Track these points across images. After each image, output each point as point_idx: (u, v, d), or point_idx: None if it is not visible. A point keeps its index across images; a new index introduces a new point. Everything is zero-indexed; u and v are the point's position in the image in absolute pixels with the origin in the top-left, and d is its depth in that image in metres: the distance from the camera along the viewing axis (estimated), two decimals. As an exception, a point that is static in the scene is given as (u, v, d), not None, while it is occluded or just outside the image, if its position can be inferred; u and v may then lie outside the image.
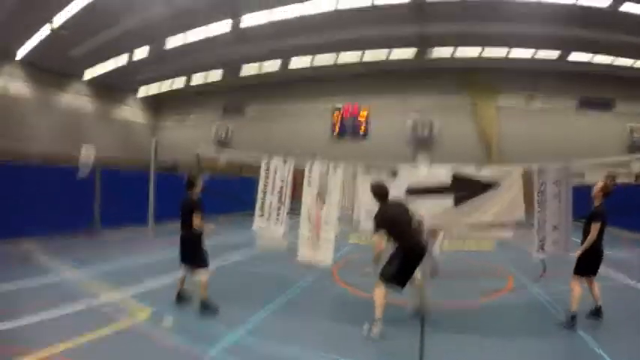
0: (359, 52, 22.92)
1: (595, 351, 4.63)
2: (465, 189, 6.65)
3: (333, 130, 26.06)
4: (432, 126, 24.26)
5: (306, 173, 6.94)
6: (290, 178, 7.19)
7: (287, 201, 7.23)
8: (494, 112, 23.90)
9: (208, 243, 5.83)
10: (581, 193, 6.94)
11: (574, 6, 16.03)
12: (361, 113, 25.73)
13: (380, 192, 5.55)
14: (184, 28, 19.49)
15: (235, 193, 10.92)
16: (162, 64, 23.35)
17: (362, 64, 23.79)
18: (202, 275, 5.57)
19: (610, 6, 15.88)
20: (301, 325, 5.41)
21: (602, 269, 5.71)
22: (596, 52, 20.79)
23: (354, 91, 25.59)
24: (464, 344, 4.88)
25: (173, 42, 20.67)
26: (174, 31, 19.73)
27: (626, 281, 8.04)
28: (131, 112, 29.45)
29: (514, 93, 23.91)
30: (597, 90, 23.53)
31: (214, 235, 5.89)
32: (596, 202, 5.78)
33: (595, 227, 5.51)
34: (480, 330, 5.36)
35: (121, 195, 12.40)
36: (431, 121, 24.26)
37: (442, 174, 6.93)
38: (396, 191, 6.29)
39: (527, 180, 6.82)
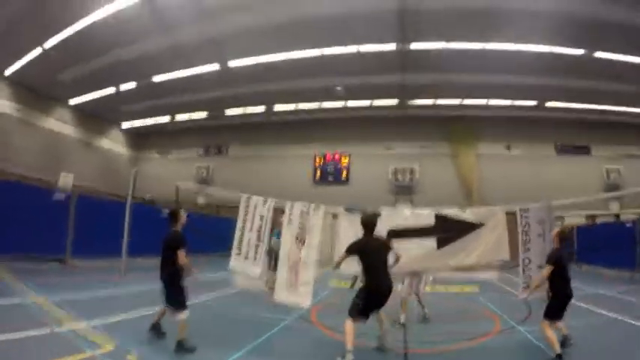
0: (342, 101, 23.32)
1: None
2: (448, 230, 6.63)
3: (315, 175, 26.08)
4: (413, 172, 24.45)
5: (287, 212, 6.80)
6: (269, 216, 7.04)
7: (266, 240, 7.05)
8: (474, 159, 24.37)
9: (186, 281, 5.60)
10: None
11: (550, 54, 16.58)
12: (343, 159, 25.85)
13: (368, 222, 5.64)
14: (173, 66, 19.57)
15: (215, 232, 10.70)
16: (148, 99, 23.34)
17: (346, 110, 24.14)
18: (182, 315, 5.34)
19: (584, 54, 16.49)
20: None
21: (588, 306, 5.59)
22: (571, 99, 21.50)
23: (336, 136, 25.87)
24: None
25: (160, 77, 20.68)
26: (163, 68, 19.78)
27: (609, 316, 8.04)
28: (113, 143, 29.10)
29: (493, 140, 24.57)
30: (573, 136, 24.43)
31: (195, 275, 5.66)
32: (555, 245, 5.74)
33: (547, 269, 5.42)
34: None
35: (96, 224, 12.09)
36: (412, 168, 24.48)
37: (425, 215, 6.88)
38: (377, 233, 6.17)
39: (510, 221, 6.84)
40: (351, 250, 5.46)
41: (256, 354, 5.49)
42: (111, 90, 22.61)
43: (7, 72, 20.53)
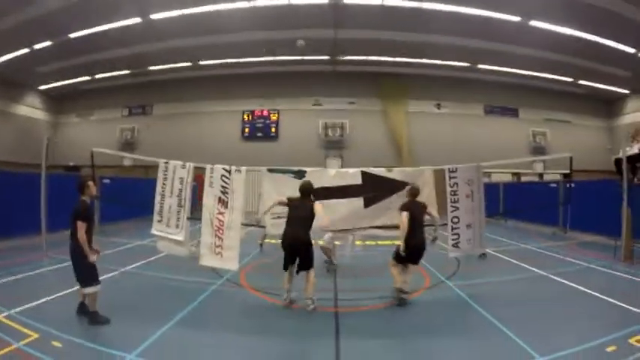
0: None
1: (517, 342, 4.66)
2: (375, 189, 6.60)
3: (243, 132, 25.33)
4: (344, 128, 24.48)
5: (207, 174, 6.47)
6: (189, 179, 6.68)
7: (187, 204, 6.72)
8: (404, 116, 24.62)
9: (110, 250, 5.21)
10: (489, 192, 7.20)
11: (484, 19, 16.82)
12: (272, 115, 25.26)
13: (304, 189, 5.99)
14: (91, 21, 17.80)
15: (140, 196, 10.06)
16: (65, 58, 21.35)
17: (274, 64, 23.37)
18: (90, 291, 5.10)
19: (520, 21, 16.92)
20: (208, 336, 4.98)
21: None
22: (502, 64, 22.15)
23: (264, 92, 25.10)
24: (389, 345, 4.75)
25: (77, 34, 18.86)
26: (80, 23, 17.93)
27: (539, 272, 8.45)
28: (31, 108, 26.61)
29: (424, 98, 24.89)
30: (502, 98, 25.38)
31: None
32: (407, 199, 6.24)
33: (405, 216, 5.96)
34: (407, 328, 5.33)
35: (12, 199, 11.01)
36: (342, 123, 24.49)
37: (351, 174, 6.81)
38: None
39: (439, 181, 6.93)
40: (284, 202, 6.00)
41: (186, 324, 5.29)
42: (24, 50, 20.43)
43: None
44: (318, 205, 5.84)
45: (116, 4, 16.33)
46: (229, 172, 6.37)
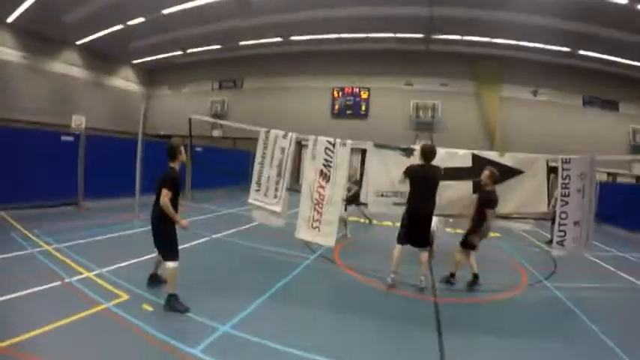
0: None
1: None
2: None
3: (333, 109, 25.17)
4: (435, 110, 23.58)
5: (310, 146, 6.32)
6: (291, 150, 6.58)
7: (287, 175, 6.63)
8: (498, 101, 23.23)
9: (201, 216, 5.21)
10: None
11: (589, 3, 15.28)
12: (362, 93, 24.82)
13: (428, 152, 5.80)
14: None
15: (230, 166, 10.27)
16: (158, 33, 22.31)
17: (366, 42, 22.82)
18: (169, 264, 4.67)
19: (628, 3, 15.16)
20: (303, 312, 4.88)
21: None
22: (606, 51, 20.10)
23: (355, 69, 24.67)
24: (488, 344, 4.42)
25: (170, 10, 19.58)
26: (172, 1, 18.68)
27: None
28: (125, 81, 28.47)
29: (520, 84, 23.22)
30: (603, 89, 23.08)
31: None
32: (489, 188, 5.89)
33: (490, 213, 5.78)
34: (507, 327, 4.98)
35: (107, 164, 11.71)
36: (434, 104, 23.59)
37: (461, 156, 6.40)
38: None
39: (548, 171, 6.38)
40: (407, 172, 5.77)
41: (280, 299, 5.22)
42: (119, 27, 21.64)
43: (9, 19, 19.70)
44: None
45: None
46: (334, 144, 6.18)
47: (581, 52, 20.68)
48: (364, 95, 24.75)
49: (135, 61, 28.13)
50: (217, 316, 4.41)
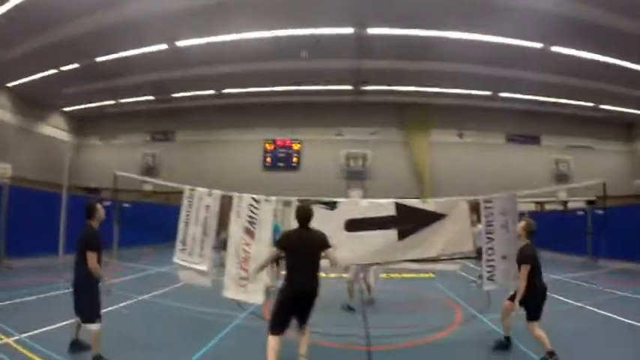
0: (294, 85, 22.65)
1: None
2: (410, 221, 6.30)
3: (265, 161, 25.32)
4: (366, 158, 24.33)
5: (234, 203, 6.25)
6: (216, 209, 6.46)
7: (212, 234, 6.49)
8: (427, 146, 24.53)
9: (127, 276, 4.94)
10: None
11: (506, 46, 16.70)
12: (294, 145, 25.24)
13: (299, 215, 4.74)
14: (118, 46, 18.11)
15: (159, 223, 9.98)
16: (91, 80, 21.71)
17: (297, 95, 23.48)
18: (93, 328, 4.50)
19: (542, 47, 16.72)
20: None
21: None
22: (524, 91, 21.89)
23: (287, 122, 25.22)
24: None
25: (104, 57, 19.21)
26: (107, 48, 18.25)
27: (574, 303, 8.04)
28: (55, 129, 27.06)
29: (446, 128, 24.71)
30: (524, 125, 25.07)
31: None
32: (522, 242, 5.38)
33: (525, 268, 5.02)
34: None
35: (33, 219, 11.00)
36: (364, 154, 24.35)
37: (385, 205, 6.55)
38: (334, 224, 5.80)
39: (472, 212, 6.67)
40: (279, 242, 4.78)
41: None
42: (52, 71, 20.87)
43: None
44: (331, 251, 4.80)
45: (143, 30, 16.54)
46: (258, 201, 6.15)
47: (502, 94, 22.37)
48: (296, 147, 25.20)
49: (66, 109, 27.00)
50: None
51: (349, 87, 22.41)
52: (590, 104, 23.27)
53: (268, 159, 25.26)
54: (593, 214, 14.79)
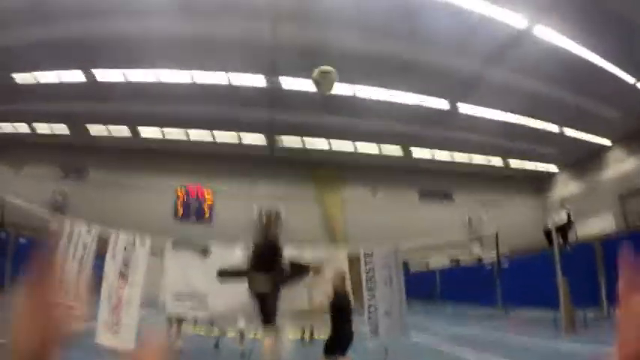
0: (209, 132, 23.04)
1: None
2: (285, 271, 6.33)
3: (177, 211, 24.73)
4: (279, 213, 24.29)
5: (110, 244, 6.10)
6: (93, 247, 6.26)
7: (87, 270, 6.22)
8: (339, 203, 25.10)
9: None
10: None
11: (418, 107, 18.04)
12: (207, 196, 25.00)
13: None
14: (35, 66, 17.44)
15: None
16: (6, 102, 20.42)
17: (212, 145, 23.85)
18: None
19: (449, 108, 18.19)
20: None
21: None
22: (436, 148, 23.52)
23: (201, 170, 24.98)
24: None
25: (23, 77, 18.31)
26: (23, 65, 17.46)
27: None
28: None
29: (359, 184, 25.59)
30: (437, 183, 26.49)
31: None
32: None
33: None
34: None
35: None
36: (277, 208, 24.37)
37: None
38: (206, 274, 5.81)
39: (354, 265, 6.77)
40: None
41: None
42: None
43: None
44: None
45: (60, 51, 16.06)
46: (133, 243, 6.05)
47: (413, 149, 23.72)
48: (208, 198, 25.04)
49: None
50: None
51: (262, 137, 23.03)
52: (500, 161, 25.27)
53: (181, 209, 24.71)
54: (497, 265, 15.31)
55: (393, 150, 23.68)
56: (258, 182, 24.94)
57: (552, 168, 26.85)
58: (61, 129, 23.83)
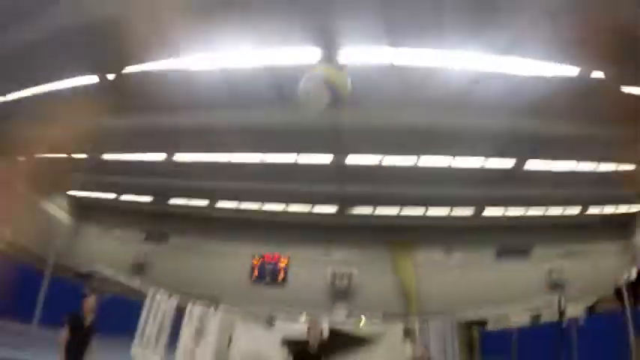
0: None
1: None
2: (338, 347, 6.34)
3: (252, 274, 25.63)
4: (352, 277, 24.58)
5: (188, 309, 6.66)
6: (171, 313, 6.86)
7: (165, 334, 6.82)
8: (412, 266, 24.71)
9: None
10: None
11: (481, 169, 17.88)
12: (282, 260, 25.76)
13: None
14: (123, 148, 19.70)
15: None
16: (97, 173, 22.87)
17: (286, 215, 24.91)
18: None
19: (515, 165, 17.78)
20: None
21: None
22: (508, 204, 22.63)
23: (276, 238, 25.89)
24: None
25: (111, 156, 20.60)
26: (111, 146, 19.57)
27: None
28: (57, 208, 27.66)
29: (432, 248, 25.12)
30: (514, 238, 24.98)
31: None
32: None
33: None
34: None
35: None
36: (350, 273, 24.64)
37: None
38: (270, 343, 6.04)
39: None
40: None
41: None
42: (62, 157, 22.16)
43: None
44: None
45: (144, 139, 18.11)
46: (207, 311, 6.54)
47: (487, 212, 23.08)
48: (283, 263, 25.75)
49: (70, 192, 28.02)
50: None
51: (334, 208, 23.73)
52: (578, 209, 23.50)
53: (255, 272, 25.65)
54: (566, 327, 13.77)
55: (465, 212, 23.22)
56: (331, 247, 25.55)
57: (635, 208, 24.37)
58: (145, 199, 26.45)
